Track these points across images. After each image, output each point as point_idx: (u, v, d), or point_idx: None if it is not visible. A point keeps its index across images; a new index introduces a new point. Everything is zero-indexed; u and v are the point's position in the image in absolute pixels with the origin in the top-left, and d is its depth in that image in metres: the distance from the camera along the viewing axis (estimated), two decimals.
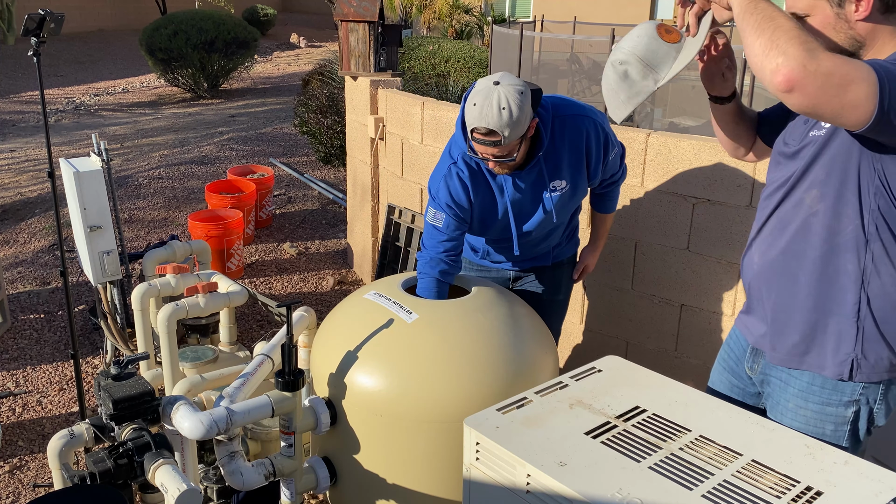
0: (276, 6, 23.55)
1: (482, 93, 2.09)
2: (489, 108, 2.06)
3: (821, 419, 1.73)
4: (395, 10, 13.74)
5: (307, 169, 7.08)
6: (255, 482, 2.08)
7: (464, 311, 2.20)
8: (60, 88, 12.89)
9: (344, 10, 4.26)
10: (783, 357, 1.76)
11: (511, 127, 2.08)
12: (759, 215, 1.81)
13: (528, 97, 2.12)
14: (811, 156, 1.63)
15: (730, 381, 1.97)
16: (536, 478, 1.53)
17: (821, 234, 1.64)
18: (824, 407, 1.72)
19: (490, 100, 2.07)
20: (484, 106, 2.07)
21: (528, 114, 2.13)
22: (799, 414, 1.76)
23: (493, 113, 2.06)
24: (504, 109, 2.06)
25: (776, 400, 1.81)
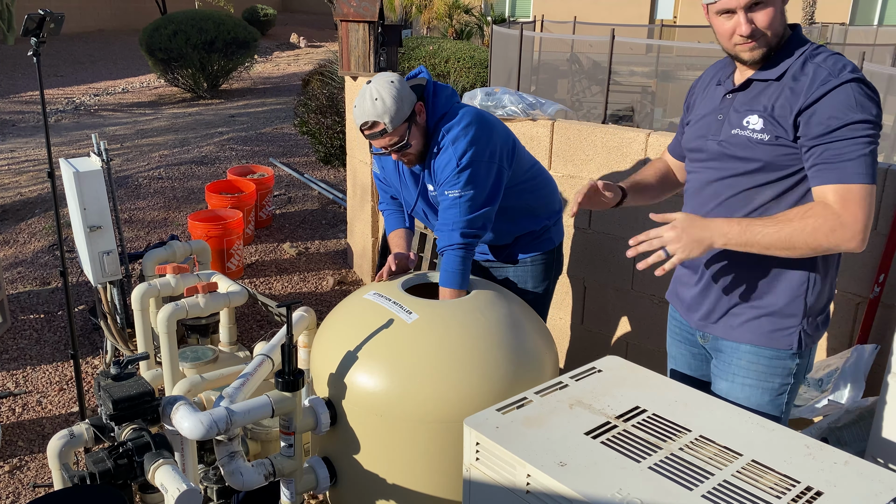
0: (276, 6, 23.55)
1: (360, 94, 2.31)
2: (364, 103, 2.28)
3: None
4: (394, 10, 13.74)
5: (307, 169, 7.08)
6: (255, 482, 2.08)
7: (464, 311, 2.20)
8: (60, 88, 12.89)
9: (344, 10, 4.26)
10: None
11: (389, 113, 2.26)
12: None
13: (401, 84, 2.30)
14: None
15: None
16: (536, 478, 1.53)
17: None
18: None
19: (364, 96, 2.28)
20: (360, 104, 2.29)
21: (407, 99, 2.30)
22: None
23: (369, 106, 2.27)
24: (377, 100, 2.26)
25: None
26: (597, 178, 2.25)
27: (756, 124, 1.78)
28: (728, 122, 1.84)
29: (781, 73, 1.76)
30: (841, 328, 2.60)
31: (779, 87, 1.76)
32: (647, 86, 11.17)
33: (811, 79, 1.71)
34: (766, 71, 1.79)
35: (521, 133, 3.27)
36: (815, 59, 1.74)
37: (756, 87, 1.81)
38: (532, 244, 2.67)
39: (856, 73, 1.69)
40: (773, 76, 1.77)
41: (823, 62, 1.72)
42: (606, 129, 3.11)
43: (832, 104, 1.67)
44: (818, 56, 1.75)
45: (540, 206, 2.67)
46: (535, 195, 2.64)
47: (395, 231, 2.67)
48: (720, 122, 1.87)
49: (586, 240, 3.24)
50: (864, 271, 2.51)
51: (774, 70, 1.77)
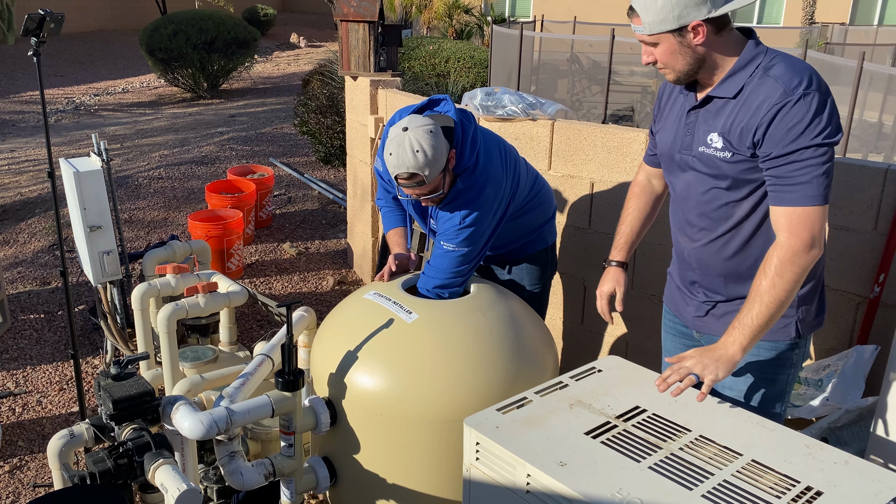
0: (276, 6, 23.55)
1: (395, 140, 2.21)
2: (404, 153, 2.18)
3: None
4: (394, 10, 13.74)
5: (307, 169, 7.08)
6: (255, 482, 2.08)
7: (464, 311, 2.20)
8: (60, 88, 12.89)
9: (344, 10, 4.26)
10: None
11: (429, 166, 2.19)
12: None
13: (438, 134, 2.22)
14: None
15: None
16: (536, 478, 1.53)
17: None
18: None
19: (403, 146, 2.18)
20: (399, 153, 2.19)
21: (443, 149, 2.23)
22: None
23: (409, 157, 2.17)
24: (418, 152, 2.17)
25: None
26: (603, 289, 2.20)
27: (717, 142, 1.80)
28: (695, 139, 1.87)
29: (738, 91, 1.76)
30: (841, 328, 2.60)
31: (736, 104, 1.76)
32: (647, 86, 11.18)
33: (766, 96, 1.70)
34: (723, 87, 1.79)
35: (521, 133, 3.27)
36: (771, 71, 1.72)
37: (715, 103, 1.81)
38: (525, 246, 2.69)
39: (811, 85, 1.68)
40: (730, 94, 1.77)
41: (779, 77, 1.70)
42: (606, 129, 3.11)
43: (786, 124, 1.67)
44: (773, 68, 1.73)
45: (536, 220, 2.69)
46: (534, 213, 2.67)
47: (395, 230, 2.66)
48: (689, 138, 1.89)
49: (586, 240, 3.24)
50: (864, 271, 2.51)
51: (731, 87, 1.77)
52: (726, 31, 1.76)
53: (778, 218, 1.75)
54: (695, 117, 1.86)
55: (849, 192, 2.48)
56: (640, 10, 1.74)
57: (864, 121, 8.43)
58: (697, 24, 1.70)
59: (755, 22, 19.61)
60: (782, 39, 15.79)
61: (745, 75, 1.76)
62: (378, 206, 2.76)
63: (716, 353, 1.75)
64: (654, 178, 2.20)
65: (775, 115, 1.68)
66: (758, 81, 1.74)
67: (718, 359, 1.73)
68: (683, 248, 2.04)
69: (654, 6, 1.70)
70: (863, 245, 2.49)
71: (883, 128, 8.37)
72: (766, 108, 1.69)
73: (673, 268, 2.16)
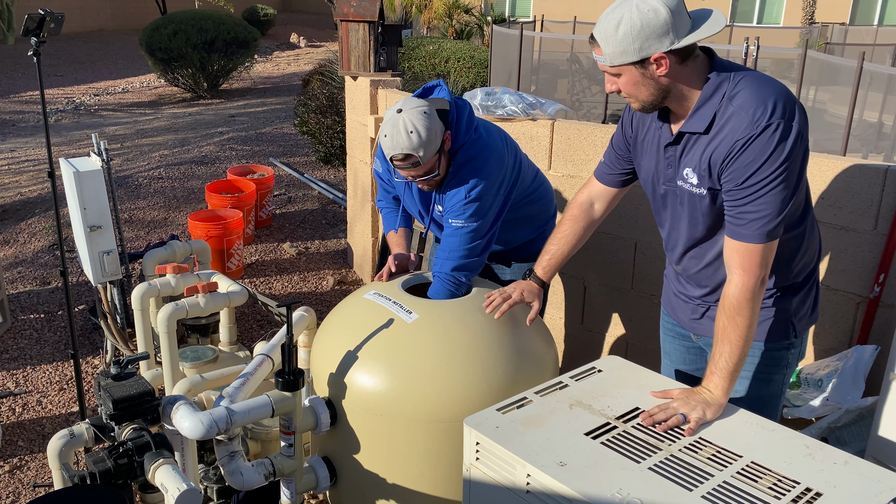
0: (276, 6, 23.54)
1: (389, 122, 2.24)
2: (398, 135, 2.21)
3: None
4: (394, 10, 13.74)
5: (307, 169, 7.07)
6: (255, 482, 2.08)
7: (464, 311, 2.20)
8: (60, 88, 12.89)
9: (344, 10, 4.26)
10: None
11: (423, 147, 2.21)
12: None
13: (432, 115, 2.25)
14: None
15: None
16: (536, 478, 1.53)
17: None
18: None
19: (397, 127, 2.21)
20: (393, 135, 2.22)
21: (438, 129, 2.25)
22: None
23: (403, 139, 2.21)
24: (412, 133, 2.20)
25: None
26: (514, 292, 2.20)
27: (692, 178, 1.79)
28: (675, 172, 1.85)
29: (709, 124, 1.72)
30: (841, 328, 2.60)
31: (709, 139, 1.72)
32: None
33: (731, 129, 1.67)
34: (692, 122, 1.75)
35: (521, 133, 3.27)
36: (735, 101, 1.68)
37: (688, 139, 1.78)
38: (527, 245, 2.69)
39: (774, 114, 1.63)
40: (700, 129, 1.73)
41: (742, 107, 1.66)
42: (606, 129, 3.11)
43: (745, 158, 1.65)
44: (736, 97, 1.68)
45: (539, 215, 2.69)
46: (536, 206, 2.67)
47: (395, 231, 2.66)
48: (671, 171, 1.86)
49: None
50: (864, 271, 2.51)
51: (700, 121, 1.73)
52: (691, 59, 1.70)
53: (731, 253, 1.74)
54: (673, 151, 1.84)
55: (849, 192, 2.48)
56: (600, 40, 1.68)
57: (864, 121, 8.43)
58: (660, 56, 1.65)
59: (755, 22, 19.61)
60: (782, 39, 15.79)
61: (712, 107, 1.70)
62: (378, 207, 2.76)
63: (701, 396, 1.75)
64: (599, 200, 2.15)
65: (738, 150, 1.66)
66: (724, 113, 1.69)
67: (705, 402, 1.73)
68: (678, 273, 2.07)
69: (615, 38, 1.65)
70: (863, 245, 2.49)
71: (883, 128, 8.37)
72: (730, 141, 1.67)
73: (668, 269, 2.16)
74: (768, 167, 1.63)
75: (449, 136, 2.31)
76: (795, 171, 1.66)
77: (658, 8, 1.60)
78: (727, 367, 1.73)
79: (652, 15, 1.61)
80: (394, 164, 2.29)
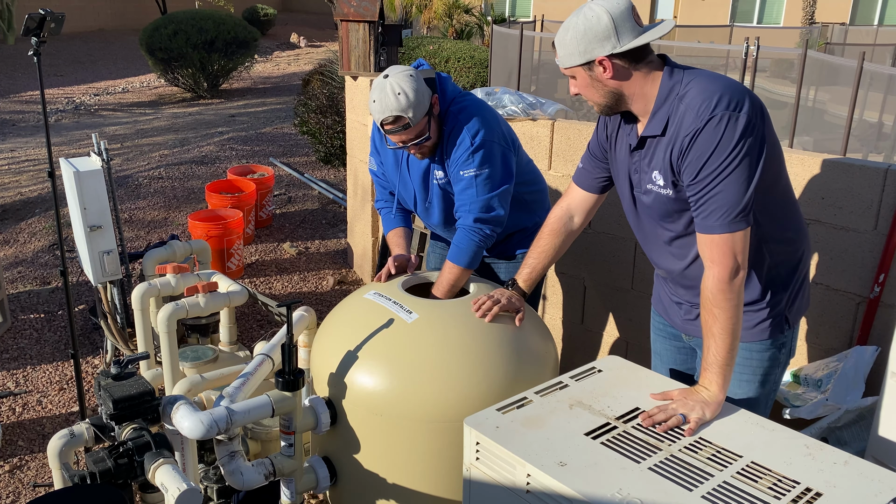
0: (276, 6, 23.54)
1: (377, 87, 2.28)
2: (386, 98, 2.25)
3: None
4: (395, 10, 13.74)
5: (307, 169, 7.08)
6: (255, 482, 2.08)
7: (464, 311, 2.20)
8: (60, 88, 12.89)
9: (344, 10, 4.26)
10: None
11: (412, 107, 2.25)
12: None
13: (419, 79, 2.29)
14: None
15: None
16: (536, 478, 1.53)
17: None
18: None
19: (385, 91, 2.25)
20: (382, 98, 2.26)
21: (425, 92, 2.30)
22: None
23: (391, 100, 2.25)
24: (399, 94, 2.24)
25: None
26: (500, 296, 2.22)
27: (659, 180, 1.83)
28: (642, 177, 1.89)
29: (664, 127, 1.78)
30: (841, 328, 2.60)
31: (668, 140, 1.77)
32: None
33: (682, 126, 1.73)
34: (651, 126, 1.81)
35: (522, 133, 3.27)
36: (685, 100, 1.73)
37: (650, 143, 1.83)
38: (526, 240, 2.68)
39: (719, 105, 1.67)
40: (658, 132, 1.79)
41: (691, 104, 1.72)
42: None
43: (697, 150, 1.70)
44: (686, 96, 1.74)
45: (535, 202, 2.70)
46: (531, 189, 2.68)
47: (394, 230, 2.67)
48: (637, 176, 1.91)
49: (586, 240, 3.24)
50: (864, 271, 2.51)
51: (657, 125, 1.79)
52: (644, 63, 1.77)
53: (702, 247, 1.77)
54: (639, 156, 1.88)
55: (849, 192, 2.48)
56: (557, 44, 1.81)
57: (864, 121, 8.43)
58: (603, 59, 1.75)
59: (755, 22, 19.61)
60: (782, 39, 15.79)
61: (667, 109, 1.77)
62: (377, 208, 2.77)
63: (699, 395, 1.76)
64: (578, 211, 2.17)
65: (689, 144, 1.71)
66: (677, 112, 1.75)
67: (704, 402, 1.74)
68: (665, 278, 2.09)
69: (565, 40, 1.78)
70: (863, 245, 2.50)
71: (883, 128, 8.37)
72: (681, 137, 1.72)
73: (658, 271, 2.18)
74: (717, 157, 1.68)
75: (437, 99, 2.36)
76: (750, 159, 1.68)
77: (601, 15, 1.72)
78: (716, 361, 1.75)
79: (595, 21, 1.73)
80: (385, 130, 2.31)
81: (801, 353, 2.70)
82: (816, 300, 2.64)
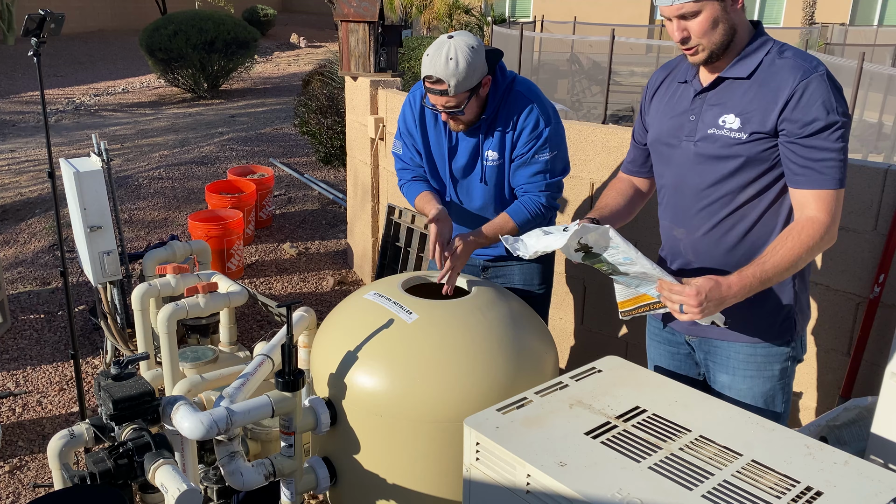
0: (276, 6, 23.55)
1: (436, 44, 2.24)
2: (438, 57, 2.21)
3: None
4: (394, 10, 13.75)
5: (307, 169, 7.08)
6: (255, 482, 2.08)
7: (464, 311, 2.20)
8: (60, 88, 12.89)
9: (344, 11, 4.26)
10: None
11: (457, 77, 2.20)
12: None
13: (480, 53, 2.23)
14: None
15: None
16: (536, 478, 1.53)
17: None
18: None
19: (441, 50, 2.21)
20: (434, 56, 2.22)
21: (479, 69, 2.24)
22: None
23: (441, 63, 2.20)
24: (451, 60, 2.19)
25: None
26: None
27: (733, 123, 1.80)
28: (702, 122, 1.86)
29: (752, 71, 1.78)
30: (841, 328, 2.60)
31: (751, 84, 1.78)
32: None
33: (786, 75, 1.73)
34: (735, 68, 1.80)
35: None
36: (784, 55, 1.77)
37: (727, 85, 1.82)
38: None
39: (825, 68, 1.73)
40: (743, 74, 1.79)
41: (794, 57, 1.75)
42: (606, 129, 3.12)
43: (809, 103, 1.70)
44: (786, 52, 1.77)
45: None
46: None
47: (423, 193, 2.54)
48: (693, 123, 1.87)
49: None
50: (864, 271, 2.51)
51: (745, 67, 1.79)
52: (742, 7, 1.77)
53: (808, 200, 1.76)
54: (701, 102, 1.86)
55: (849, 192, 2.48)
56: None
57: (864, 121, 8.44)
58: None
59: None
60: (782, 39, 15.77)
61: (758, 57, 1.78)
62: (400, 185, 2.67)
63: (723, 295, 1.72)
64: (637, 183, 2.20)
65: (801, 94, 1.70)
66: (771, 63, 1.76)
67: (720, 302, 1.72)
68: (679, 241, 2.00)
69: None
70: (863, 245, 2.50)
71: (883, 128, 8.37)
72: (790, 85, 1.71)
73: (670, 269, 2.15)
74: (834, 110, 1.72)
75: (489, 80, 2.31)
76: (849, 121, 1.74)
77: None
78: (765, 271, 1.73)
79: None
80: (426, 86, 2.29)
81: None
82: (816, 300, 2.64)
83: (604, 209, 2.11)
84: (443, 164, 2.53)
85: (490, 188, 2.49)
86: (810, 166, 1.73)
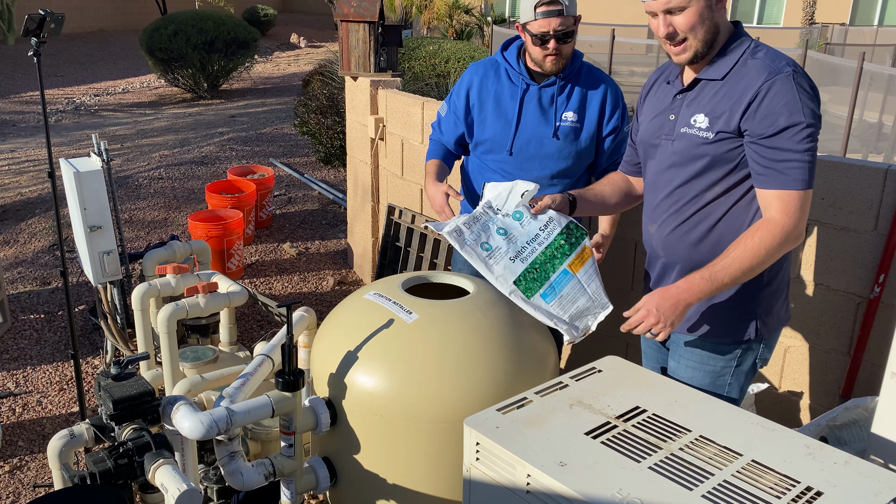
0: (276, 6, 23.55)
1: None
2: None
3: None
4: (395, 10, 13.75)
5: (307, 169, 7.08)
6: (255, 482, 2.08)
7: (464, 311, 2.20)
8: (60, 88, 12.90)
9: (344, 11, 4.26)
10: None
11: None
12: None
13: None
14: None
15: None
16: (536, 478, 1.53)
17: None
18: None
19: None
20: None
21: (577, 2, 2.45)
22: None
23: None
24: None
25: None
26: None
27: (702, 122, 1.83)
28: (678, 121, 1.90)
29: (726, 73, 1.81)
30: (841, 328, 2.60)
31: (723, 85, 1.81)
32: None
33: (753, 76, 1.75)
34: (710, 70, 1.83)
35: None
36: (757, 55, 1.78)
37: (702, 86, 1.86)
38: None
39: (795, 67, 1.74)
40: (717, 76, 1.82)
41: (763, 58, 1.77)
42: None
43: (774, 102, 1.72)
44: (759, 52, 1.79)
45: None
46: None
47: (435, 161, 2.73)
48: (672, 122, 1.92)
49: None
50: (864, 271, 2.51)
51: (719, 69, 1.82)
52: (723, 7, 1.81)
53: (770, 200, 1.78)
54: (680, 101, 1.90)
55: (849, 192, 2.48)
56: None
57: (864, 121, 8.44)
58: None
59: (755, 22, 19.61)
60: (782, 39, 15.79)
61: (732, 58, 1.81)
62: (431, 137, 2.85)
63: (673, 302, 1.81)
64: (632, 181, 2.27)
65: (764, 94, 1.72)
66: (744, 64, 1.79)
67: (675, 308, 1.80)
68: (652, 236, 2.07)
69: None
70: (863, 245, 2.50)
71: (883, 128, 8.37)
72: (755, 86, 1.74)
73: (648, 265, 2.20)
74: (798, 111, 1.73)
75: (580, 20, 2.49)
76: (818, 124, 1.75)
77: None
78: (716, 275, 1.78)
79: None
80: (536, 12, 2.39)
81: (802, 353, 2.70)
82: (816, 300, 2.64)
83: (587, 191, 2.22)
84: (507, 123, 2.61)
85: (565, 145, 2.60)
86: (772, 167, 1.75)
